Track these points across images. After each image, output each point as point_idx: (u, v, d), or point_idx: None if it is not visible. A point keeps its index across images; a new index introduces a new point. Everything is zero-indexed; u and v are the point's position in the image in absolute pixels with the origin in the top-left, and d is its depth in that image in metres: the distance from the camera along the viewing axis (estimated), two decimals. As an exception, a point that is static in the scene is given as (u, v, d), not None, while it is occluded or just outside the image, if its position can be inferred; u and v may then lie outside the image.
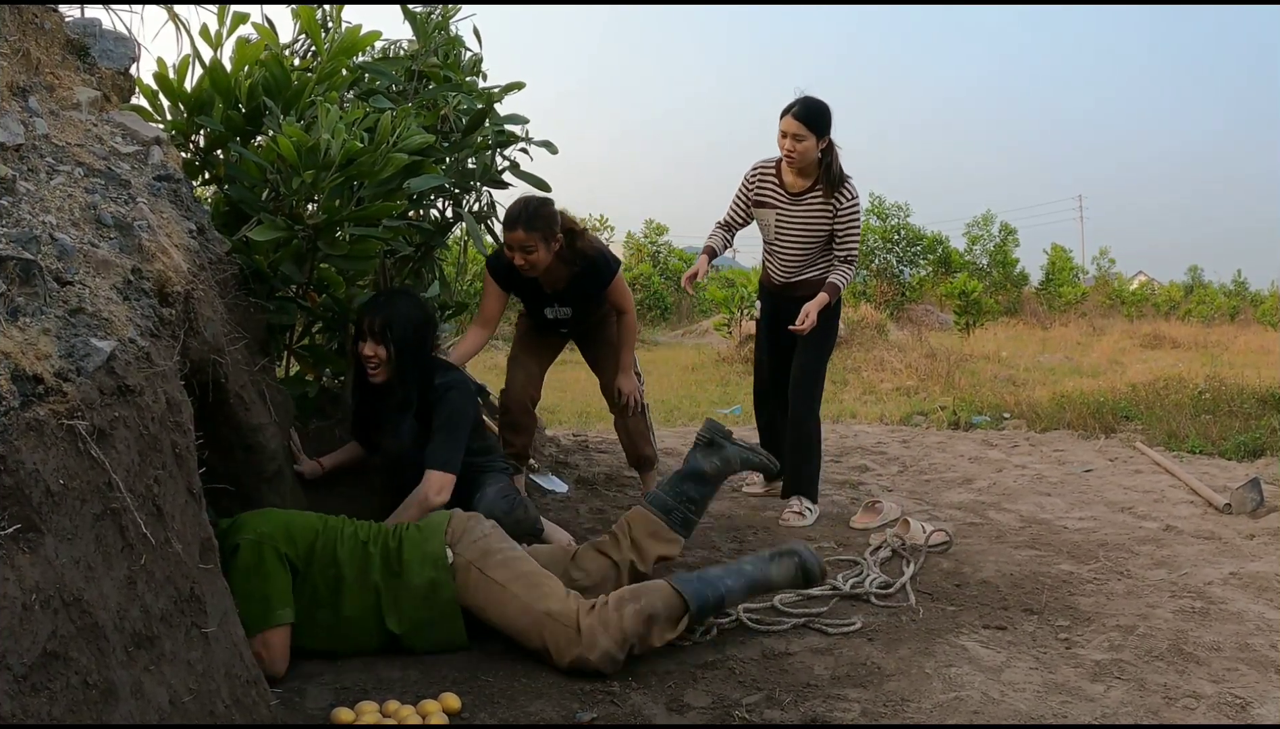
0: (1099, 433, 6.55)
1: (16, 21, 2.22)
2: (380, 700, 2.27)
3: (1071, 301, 23.65)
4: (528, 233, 3.48)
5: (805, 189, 4.06)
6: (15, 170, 1.83)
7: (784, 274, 4.24)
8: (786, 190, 4.10)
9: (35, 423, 1.40)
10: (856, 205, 4.03)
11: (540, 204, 3.56)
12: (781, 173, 4.11)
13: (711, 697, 2.38)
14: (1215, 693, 2.39)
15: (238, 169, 3.00)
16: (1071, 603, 3.06)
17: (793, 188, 4.09)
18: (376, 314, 3.09)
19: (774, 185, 4.13)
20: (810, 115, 3.90)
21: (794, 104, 3.93)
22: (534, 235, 3.49)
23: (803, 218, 4.09)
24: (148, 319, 1.85)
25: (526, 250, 3.51)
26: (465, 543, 2.62)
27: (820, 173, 4.02)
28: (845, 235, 4.06)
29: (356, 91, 3.58)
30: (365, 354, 3.10)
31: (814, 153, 3.95)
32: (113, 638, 1.48)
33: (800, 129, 3.89)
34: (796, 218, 4.10)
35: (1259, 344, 15.38)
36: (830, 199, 4.02)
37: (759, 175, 4.18)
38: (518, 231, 3.48)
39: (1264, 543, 3.75)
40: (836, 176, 4.00)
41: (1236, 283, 31.51)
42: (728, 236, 4.34)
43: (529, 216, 3.49)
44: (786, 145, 3.94)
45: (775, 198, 4.13)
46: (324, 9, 3.46)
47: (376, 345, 3.09)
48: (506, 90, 3.89)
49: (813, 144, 3.92)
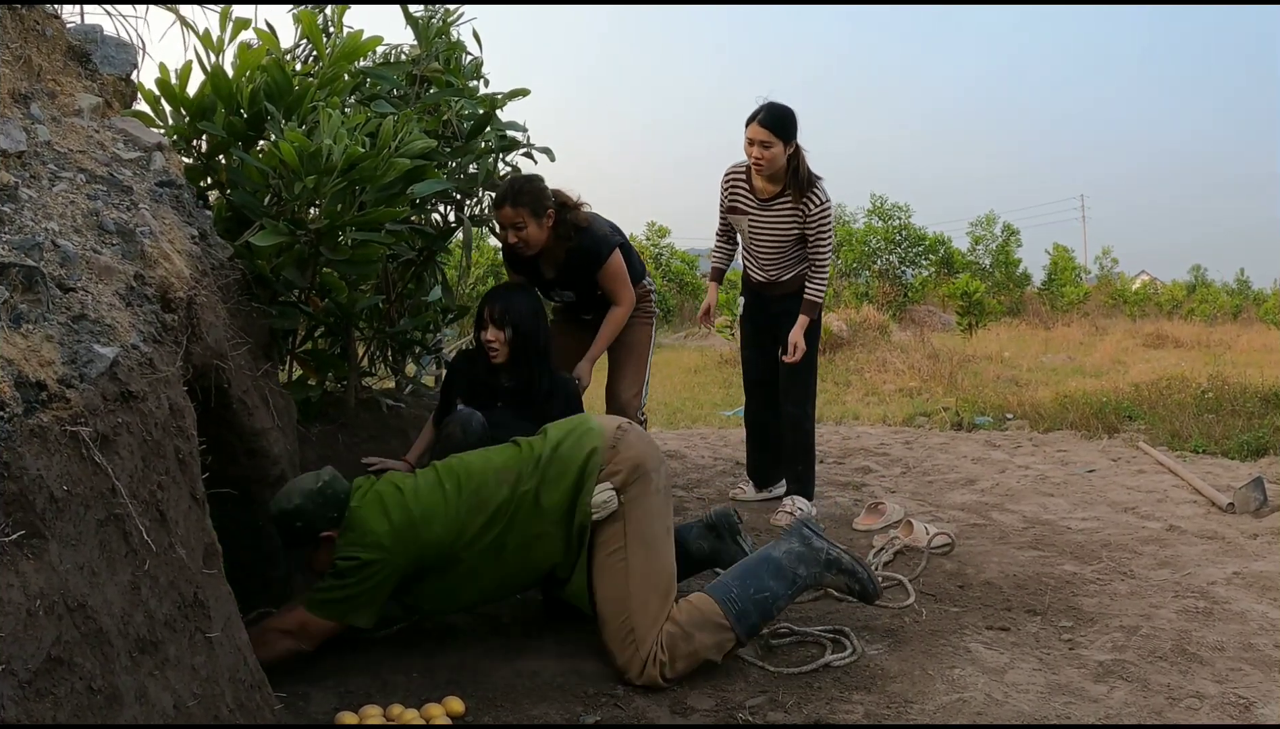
0: (1102, 433, 6.54)
1: (18, 28, 2.22)
2: (384, 704, 2.28)
3: (1074, 302, 23.61)
4: (514, 208, 3.49)
5: (775, 194, 4.08)
6: (17, 177, 1.84)
7: (762, 274, 4.31)
8: (757, 196, 4.13)
9: (39, 429, 1.41)
10: (826, 209, 4.03)
11: (526, 180, 3.56)
12: (751, 178, 4.13)
13: (715, 699, 2.38)
14: (1219, 693, 2.39)
15: (240, 174, 3.01)
16: (1075, 604, 3.06)
17: (762, 193, 4.11)
18: (496, 303, 3.37)
19: (745, 191, 4.16)
20: (775, 122, 3.92)
21: (759, 111, 3.94)
22: (522, 211, 3.49)
23: (774, 222, 4.12)
24: (150, 325, 1.85)
25: (517, 227, 3.52)
26: (632, 494, 2.61)
27: (788, 178, 4.02)
28: (816, 240, 4.06)
29: (358, 96, 3.58)
30: (488, 339, 3.35)
31: (781, 159, 3.96)
32: (117, 643, 1.48)
33: (767, 136, 3.91)
34: (768, 222, 4.13)
35: (1262, 343, 15.36)
36: (800, 203, 4.03)
37: (731, 181, 4.22)
38: (505, 208, 3.50)
39: (1267, 542, 3.75)
40: (804, 180, 4.01)
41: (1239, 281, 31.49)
42: (727, 247, 4.41)
43: (514, 192, 3.50)
44: (755, 152, 3.95)
45: (746, 204, 4.17)
46: (325, 14, 3.47)
47: (498, 330, 3.34)
48: (510, 96, 3.90)
49: (780, 150, 3.93)
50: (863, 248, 22.63)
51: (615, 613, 2.52)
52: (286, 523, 2.50)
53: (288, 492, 2.53)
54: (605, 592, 2.55)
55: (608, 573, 2.56)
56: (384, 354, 4.20)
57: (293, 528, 2.49)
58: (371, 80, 3.61)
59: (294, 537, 2.52)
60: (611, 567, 2.56)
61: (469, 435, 3.21)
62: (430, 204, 3.88)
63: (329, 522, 2.50)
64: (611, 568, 2.56)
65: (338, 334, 3.69)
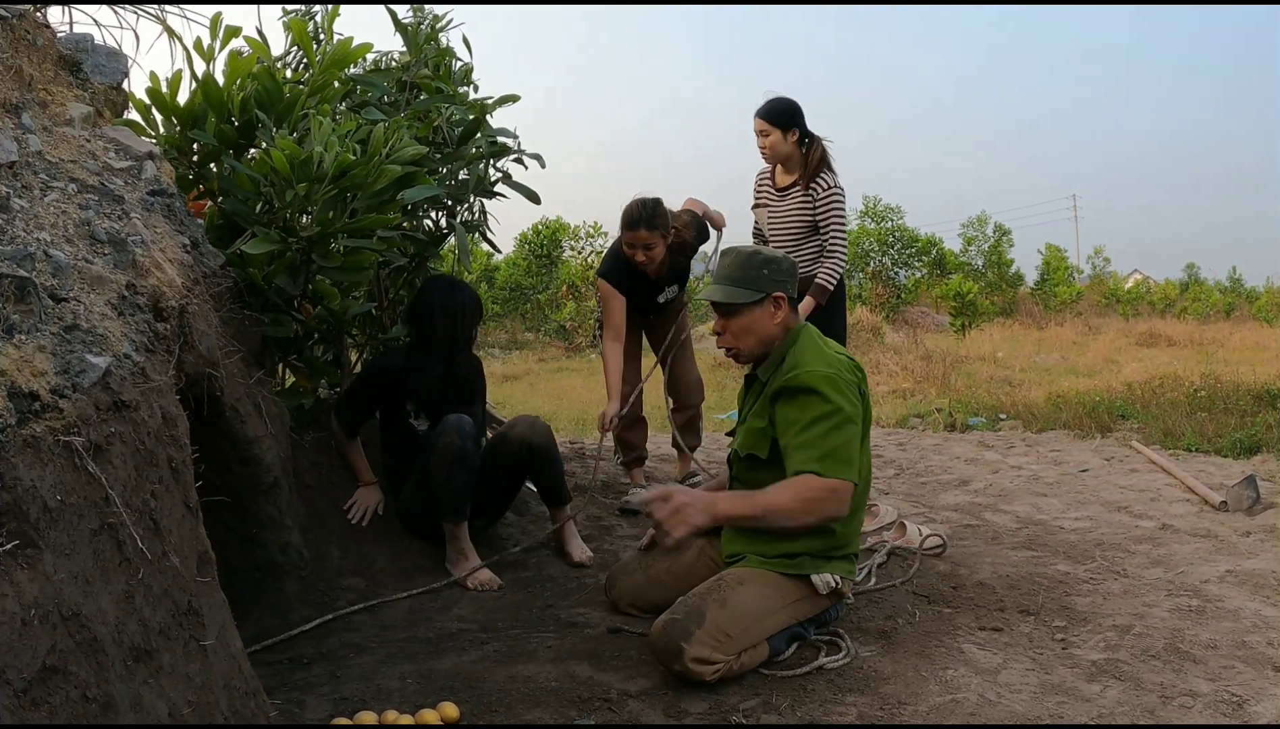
0: (1095, 432, 6.57)
1: (9, 38, 2.23)
2: (379, 710, 2.28)
3: (1067, 301, 23.69)
4: (650, 232, 3.95)
5: (789, 184, 4.26)
6: (9, 187, 1.84)
7: None
8: (775, 187, 4.33)
9: (32, 439, 1.41)
10: (834, 194, 4.15)
11: (655, 204, 4.00)
12: (774, 173, 4.34)
13: (709, 702, 2.39)
14: (1212, 691, 2.40)
15: (231, 183, 3.01)
16: (1068, 603, 3.07)
17: (780, 184, 4.31)
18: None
19: (769, 186, 4.37)
20: (771, 112, 4.16)
21: (762, 106, 4.20)
22: (655, 233, 3.95)
23: (787, 211, 4.27)
24: (143, 334, 1.86)
25: (649, 247, 3.97)
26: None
27: (802, 168, 4.22)
28: (825, 224, 4.17)
29: (349, 103, 3.59)
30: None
31: (784, 147, 4.17)
32: (111, 652, 1.49)
33: (764, 126, 4.17)
34: (783, 212, 4.29)
35: (1255, 340, 15.42)
36: (808, 190, 4.20)
37: (759, 180, 4.43)
38: (640, 231, 3.95)
39: (1260, 540, 3.76)
40: (813, 169, 4.18)
41: (1232, 279, 31.62)
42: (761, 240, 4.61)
43: (648, 217, 3.95)
44: (758, 142, 4.22)
45: (767, 196, 4.37)
46: (315, 21, 3.48)
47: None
48: (500, 102, 3.91)
49: (779, 137, 4.15)
50: (856, 250, 22.70)
51: (740, 612, 2.53)
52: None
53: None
54: (746, 595, 2.58)
55: (759, 583, 2.62)
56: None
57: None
58: (362, 87, 3.62)
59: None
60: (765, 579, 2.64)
61: (465, 440, 3.25)
62: (422, 210, 3.88)
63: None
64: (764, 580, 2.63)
65: (330, 341, 3.70)
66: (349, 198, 3.06)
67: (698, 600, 2.54)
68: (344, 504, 3.42)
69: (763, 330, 2.75)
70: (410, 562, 3.37)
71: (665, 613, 2.56)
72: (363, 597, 3.11)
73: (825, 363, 2.64)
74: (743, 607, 2.54)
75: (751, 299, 2.72)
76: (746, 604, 2.55)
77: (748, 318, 2.74)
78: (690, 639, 2.43)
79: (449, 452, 3.23)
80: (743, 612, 2.53)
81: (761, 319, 2.74)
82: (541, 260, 19.35)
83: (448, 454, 3.23)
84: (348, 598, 3.09)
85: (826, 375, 2.59)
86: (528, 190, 3.97)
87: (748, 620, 2.52)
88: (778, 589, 2.62)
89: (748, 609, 2.54)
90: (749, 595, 2.57)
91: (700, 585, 2.64)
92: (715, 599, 2.54)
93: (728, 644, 2.47)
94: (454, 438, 3.24)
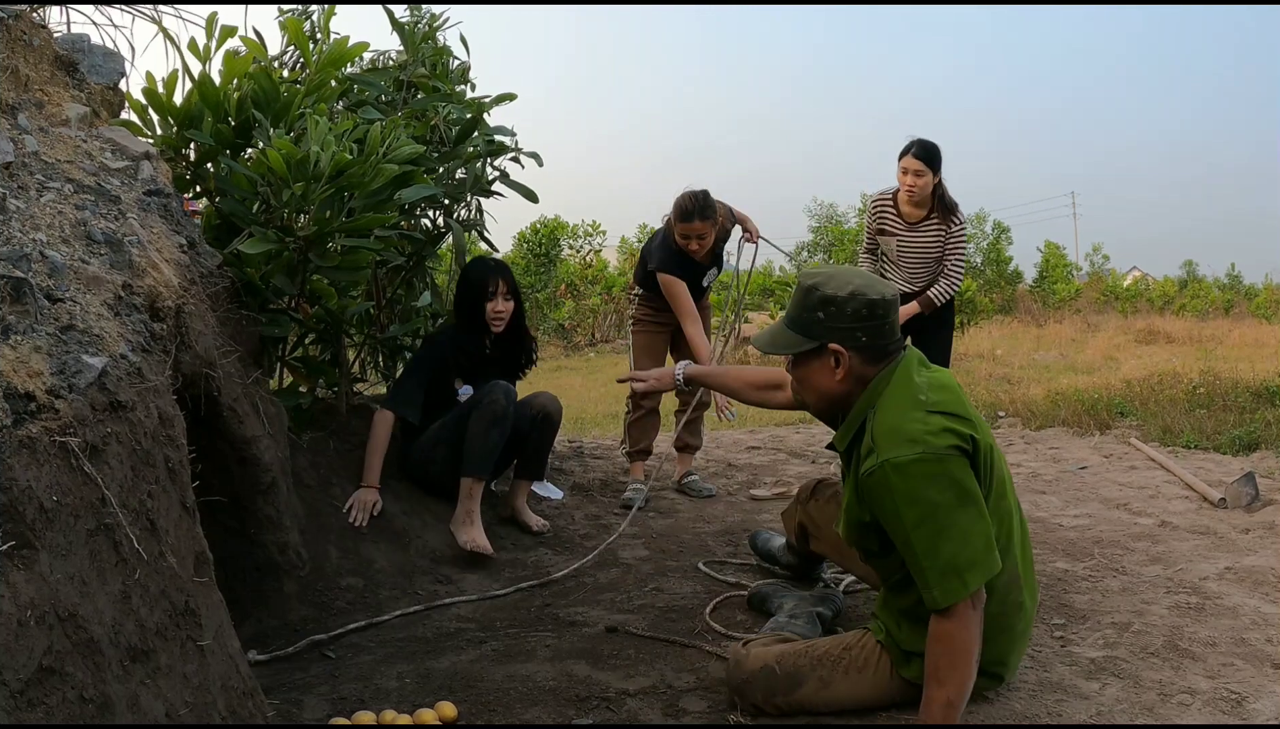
0: (1094, 430, 6.56)
1: (5, 38, 2.22)
2: (376, 710, 2.28)
3: (1066, 299, 23.69)
4: (703, 222, 4.21)
5: (921, 218, 4.71)
6: (5, 188, 1.84)
7: (909, 286, 4.86)
8: (904, 219, 4.74)
9: (28, 440, 1.41)
10: (964, 230, 4.78)
11: (704, 195, 4.25)
12: (899, 204, 4.73)
13: (707, 701, 2.39)
14: (1211, 689, 2.40)
15: (228, 182, 3.01)
16: (1067, 601, 3.06)
17: (910, 218, 4.73)
18: (505, 275, 3.70)
19: (892, 216, 4.76)
20: (927, 155, 4.56)
21: (911, 145, 4.57)
22: (708, 223, 4.22)
23: (921, 243, 4.74)
24: (139, 334, 1.86)
25: (703, 237, 4.25)
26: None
27: (935, 203, 4.67)
28: (952, 254, 4.74)
29: (345, 103, 3.59)
30: (499, 311, 3.68)
31: (929, 187, 4.60)
32: (108, 652, 1.48)
33: (920, 166, 4.55)
34: (915, 243, 4.75)
35: (1254, 337, 15.41)
36: (944, 225, 4.69)
37: (878, 207, 4.83)
38: (695, 222, 4.21)
39: (1259, 537, 3.76)
40: (949, 206, 4.69)
41: (1230, 276, 31.62)
42: (876, 265, 4.99)
43: (701, 208, 4.20)
44: (908, 181, 4.59)
45: (894, 226, 4.77)
46: (311, 20, 3.47)
47: (507, 302, 3.70)
48: (497, 101, 3.91)
49: (930, 179, 4.57)
50: (854, 247, 22.69)
51: (830, 702, 2.30)
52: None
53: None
54: (850, 687, 2.32)
55: (872, 680, 2.35)
56: (374, 360, 4.21)
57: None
58: (359, 86, 3.62)
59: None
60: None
61: (510, 403, 3.51)
62: (419, 209, 3.88)
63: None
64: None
65: (328, 341, 3.69)
66: (346, 197, 3.06)
67: (805, 668, 2.29)
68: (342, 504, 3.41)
69: (821, 386, 2.27)
70: (409, 562, 3.37)
71: (766, 646, 2.35)
72: (361, 597, 3.11)
73: (907, 437, 2.08)
74: (836, 699, 2.28)
75: (802, 348, 2.25)
76: (841, 697, 2.28)
77: (803, 369, 2.29)
78: (767, 702, 2.27)
79: (494, 410, 3.44)
80: (833, 702, 2.29)
81: (819, 373, 2.26)
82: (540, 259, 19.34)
83: (492, 411, 3.44)
84: (346, 598, 3.09)
85: (911, 463, 2.06)
86: (525, 189, 3.97)
87: (829, 706, 2.29)
88: (885, 687, 2.30)
89: (839, 701, 2.29)
90: (852, 688, 2.29)
91: (824, 644, 2.36)
92: (820, 678, 2.28)
93: (793, 710, 2.29)
94: (501, 399, 3.46)
